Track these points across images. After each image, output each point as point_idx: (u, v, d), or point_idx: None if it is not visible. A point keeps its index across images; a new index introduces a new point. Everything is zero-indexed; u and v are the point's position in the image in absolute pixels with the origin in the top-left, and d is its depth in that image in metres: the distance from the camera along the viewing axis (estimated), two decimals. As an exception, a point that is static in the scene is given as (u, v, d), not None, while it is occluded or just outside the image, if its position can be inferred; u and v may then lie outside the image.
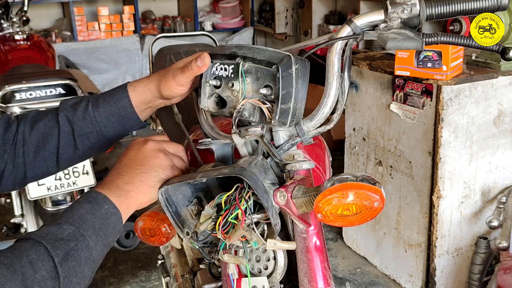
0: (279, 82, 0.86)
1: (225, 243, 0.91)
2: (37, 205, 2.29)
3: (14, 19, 3.17)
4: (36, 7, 5.11)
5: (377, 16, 0.91)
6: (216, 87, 0.95)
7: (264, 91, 0.88)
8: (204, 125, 1.06)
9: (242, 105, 0.91)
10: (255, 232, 0.89)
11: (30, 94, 2.14)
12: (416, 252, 2.30)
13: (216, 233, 0.91)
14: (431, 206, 2.16)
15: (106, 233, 0.86)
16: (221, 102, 0.97)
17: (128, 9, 5.36)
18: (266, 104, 0.89)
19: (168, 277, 1.60)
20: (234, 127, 0.92)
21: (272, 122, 0.88)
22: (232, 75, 0.92)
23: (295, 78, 0.87)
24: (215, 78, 0.94)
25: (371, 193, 0.79)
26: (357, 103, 2.49)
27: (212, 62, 0.94)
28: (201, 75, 0.95)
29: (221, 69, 0.93)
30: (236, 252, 1.00)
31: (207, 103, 0.97)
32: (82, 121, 0.98)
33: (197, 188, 0.99)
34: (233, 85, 0.91)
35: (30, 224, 2.27)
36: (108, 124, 0.99)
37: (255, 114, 0.92)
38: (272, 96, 0.88)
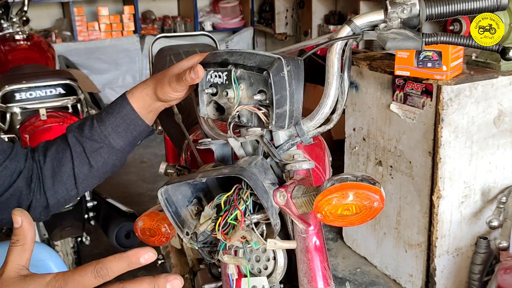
0: (271, 87, 0.85)
1: (225, 244, 0.91)
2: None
3: (14, 19, 3.16)
4: (36, 7, 5.11)
5: (377, 16, 0.91)
6: (213, 94, 0.94)
7: (258, 97, 0.88)
8: (203, 126, 1.06)
9: (237, 112, 0.91)
10: (255, 232, 0.89)
11: (30, 94, 2.14)
12: (416, 252, 2.30)
13: (216, 234, 0.91)
14: (431, 206, 2.16)
15: None
16: (220, 108, 0.96)
17: (128, 9, 5.36)
18: (261, 109, 0.89)
19: (168, 277, 1.60)
20: (229, 131, 0.92)
21: (270, 127, 0.88)
22: (227, 82, 0.92)
23: (288, 81, 0.87)
24: (211, 86, 0.94)
25: (371, 193, 0.79)
26: (357, 103, 2.49)
27: (206, 70, 0.94)
28: (197, 83, 0.95)
29: (216, 76, 0.93)
30: (236, 253, 1.00)
31: (206, 110, 0.97)
32: (91, 138, 0.99)
33: (197, 188, 0.99)
34: (227, 93, 0.91)
35: (30, 224, 2.26)
36: (116, 135, 0.99)
37: (253, 119, 0.91)
38: (267, 101, 0.88)
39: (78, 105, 2.21)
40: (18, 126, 2.13)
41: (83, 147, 0.99)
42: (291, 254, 1.00)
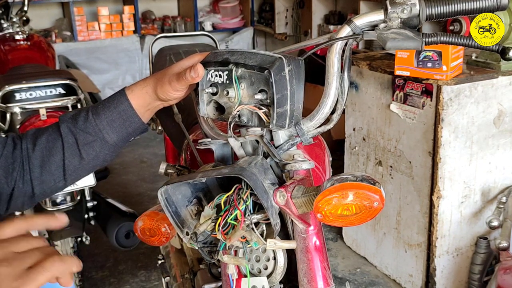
0: (272, 86, 0.85)
1: (225, 244, 0.91)
2: (37, 205, 2.29)
3: (14, 19, 3.16)
4: (36, 7, 5.11)
5: (377, 16, 0.91)
6: (213, 94, 0.94)
7: (259, 96, 0.88)
8: (203, 126, 1.06)
9: (237, 111, 0.91)
10: (255, 232, 0.89)
11: (30, 94, 2.13)
12: (416, 252, 2.30)
13: (216, 234, 0.91)
14: (431, 206, 2.16)
15: None
16: (220, 107, 0.96)
17: (128, 9, 5.36)
18: (262, 109, 0.89)
19: (168, 277, 1.60)
20: (230, 131, 0.92)
21: (270, 126, 0.88)
22: (227, 81, 0.92)
23: (289, 80, 0.87)
24: (211, 85, 0.94)
25: (370, 193, 0.79)
26: (357, 103, 2.49)
27: (206, 69, 0.94)
28: (197, 83, 0.95)
29: (216, 75, 0.93)
30: (236, 253, 1.00)
31: (206, 110, 0.97)
32: (85, 131, 0.97)
33: (197, 188, 0.99)
34: (228, 92, 0.91)
35: (30, 224, 2.26)
36: (111, 130, 0.98)
37: (253, 119, 0.91)
38: (268, 101, 0.88)
39: (78, 105, 2.21)
40: (18, 126, 2.13)
41: (75, 138, 0.97)
42: (291, 254, 1.00)
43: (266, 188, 0.87)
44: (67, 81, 2.20)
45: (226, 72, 0.91)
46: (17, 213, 2.28)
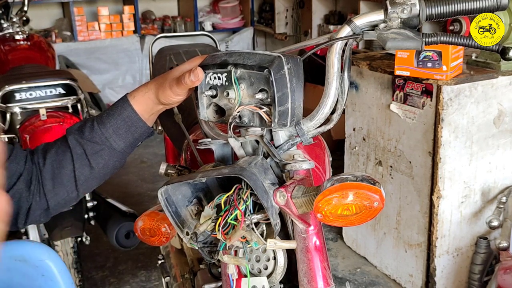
0: (272, 85, 0.86)
1: (225, 244, 0.91)
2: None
3: (14, 19, 3.16)
4: (36, 7, 5.11)
5: (377, 16, 0.91)
6: (213, 96, 0.95)
7: (259, 95, 0.88)
8: (204, 126, 1.06)
9: (238, 112, 0.91)
10: (255, 232, 0.89)
11: (30, 94, 2.13)
12: (416, 252, 2.30)
13: (216, 234, 0.91)
14: (431, 206, 2.16)
15: None
16: (220, 110, 0.96)
17: (128, 9, 5.35)
18: (263, 108, 0.89)
19: (168, 277, 1.61)
20: (230, 131, 0.93)
21: (272, 125, 0.88)
22: (227, 83, 0.92)
23: (288, 78, 0.87)
24: (210, 88, 0.94)
25: (370, 193, 0.79)
26: (357, 103, 2.49)
27: (205, 72, 0.94)
28: (196, 86, 0.96)
29: (215, 78, 0.93)
30: (236, 253, 1.00)
31: (206, 113, 0.97)
32: (92, 140, 0.99)
33: (197, 188, 0.99)
34: (228, 94, 0.91)
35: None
36: (117, 137, 0.99)
37: (254, 119, 0.92)
38: (269, 100, 0.88)
39: (78, 105, 2.21)
40: (18, 126, 2.13)
41: (83, 149, 0.99)
42: (291, 254, 1.00)
43: (266, 188, 0.87)
44: (67, 81, 2.20)
45: (225, 74, 0.91)
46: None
